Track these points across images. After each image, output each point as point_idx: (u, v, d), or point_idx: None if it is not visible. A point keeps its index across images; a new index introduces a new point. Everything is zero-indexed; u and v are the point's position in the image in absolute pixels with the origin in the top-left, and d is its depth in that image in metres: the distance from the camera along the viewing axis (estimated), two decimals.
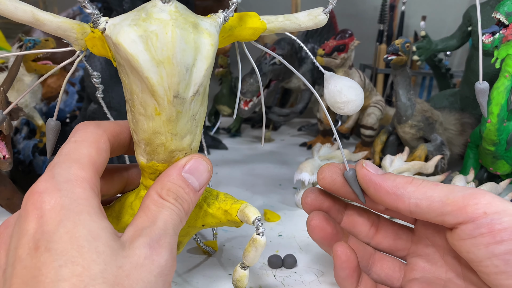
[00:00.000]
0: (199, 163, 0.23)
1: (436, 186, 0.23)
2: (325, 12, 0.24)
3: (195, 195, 0.23)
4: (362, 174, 0.25)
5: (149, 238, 0.19)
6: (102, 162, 0.22)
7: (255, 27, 0.23)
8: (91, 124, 0.23)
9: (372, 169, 0.25)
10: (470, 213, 0.22)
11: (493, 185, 0.43)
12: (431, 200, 0.23)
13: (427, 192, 0.23)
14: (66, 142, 0.22)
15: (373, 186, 0.25)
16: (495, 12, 0.43)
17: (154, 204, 0.21)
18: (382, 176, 0.25)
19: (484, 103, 0.25)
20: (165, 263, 0.19)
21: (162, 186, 0.22)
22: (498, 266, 0.21)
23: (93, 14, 0.20)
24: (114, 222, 0.26)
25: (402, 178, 0.25)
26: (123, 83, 0.21)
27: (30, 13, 0.20)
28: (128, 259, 0.18)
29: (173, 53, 0.19)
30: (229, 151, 0.71)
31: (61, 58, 0.64)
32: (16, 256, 0.18)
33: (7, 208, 0.41)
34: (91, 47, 0.22)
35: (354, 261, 0.26)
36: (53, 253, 0.17)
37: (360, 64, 0.90)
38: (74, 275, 0.17)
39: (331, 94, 0.24)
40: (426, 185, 0.24)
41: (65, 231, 0.18)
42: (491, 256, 0.21)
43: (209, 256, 0.37)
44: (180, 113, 0.21)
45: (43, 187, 0.19)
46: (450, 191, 0.23)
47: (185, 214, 0.22)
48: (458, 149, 0.57)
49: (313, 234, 0.28)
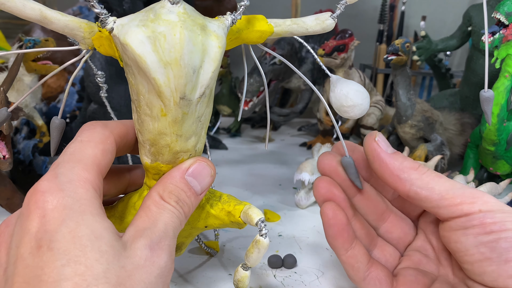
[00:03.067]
0: (202, 167, 0.23)
1: (439, 179, 0.24)
2: (333, 17, 0.24)
3: (196, 199, 0.23)
4: (371, 148, 0.25)
5: (150, 239, 0.19)
6: (106, 163, 0.22)
7: (263, 30, 0.23)
8: (98, 124, 0.23)
9: (383, 145, 0.25)
10: (466, 210, 0.22)
11: (493, 185, 0.43)
12: (431, 191, 0.23)
13: (429, 182, 0.23)
14: (72, 142, 0.22)
15: (379, 162, 0.25)
16: (495, 12, 0.43)
17: (155, 205, 0.21)
18: (390, 156, 0.25)
19: (489, 112, 0.24)
20: (165, 265, 0.20)
21: (164, 188, 0.22)
22: (484, 253, 0.21)
23: (101, 13, 0.20)
24: (117, 222, 0.26)
25: (409, 162, 0.25)
26: (130, 83, 0.21)
27: (38, 11, 0.19)
28: (129, 259, 0.18)
29: (180, 54, 0.19)
30: (229, 151, 0.71)
31: (61, 58, 0.64)
32: (18, 255, 0.18)
33: (7, 208, 0.41)
34: (98, 46, 0.21)
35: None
36: (55, 252, 0.17)
37: (360, 64, 0.90)
38: (76, 274, 0.17)
39: (337, 97, 0.24)
40: (430, 175, 0.24)
41: (67, 231, 0.17)
42: (479, 244, 0.21)
43: (211, 257, 0.37)
44: (186, 114, 0.21)
45: (46, 187, 0.19)
46: (451, 186, 0.23)
47: (185, 217, 0.22)
48: (458, 149, 0.57)
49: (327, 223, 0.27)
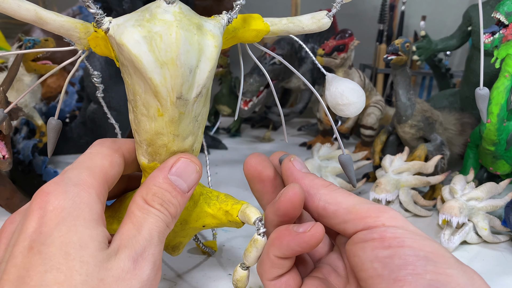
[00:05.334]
0: (186, 164, 0.23)
1: (348, 195, 0.23)
2: (329, 16, 0.24)
3: (183, 197, 0.23)
4: (286, 167, 0.26)
5: (134, 250, 0.20)
6: (114, 174, 0.23)
7: (259, 29, 0.23)
8: (108, 140, 0.24)
9: (297, 165, 0.26)
10: (369, 223, 0.21)
11: (493, 185, 0.43)
12: (339, 206, 0.23)
13: (338, 198, 0.23)
14: (83, 154, 0.23)
15: (292, 179, 0.25)
16: (495, 12, 0.43)
17: (139, 210, 0.21)
18: (303, 174, 0.25)
19: (484, 109, 0.24)
20: (147, 278, 0.20)
21: (147, 191, 0.22)
22: (376, 269, 0.20)
23: (96, 14, 0.20)
24: (114, 222, 0.26)
25: (320, 180, 0.25)
26: (126, 83, 0.21)
27: (33, 11, 0.20)
28: (110, 271, 0.19)
29: (177, 54, 0.19)
30: (229, 151, 0.71)
31: (61, 58, 0.64)
32: (11, 252, 0.18)
33: (7, 208, 0.41)
34: (93, 46, 0.21)
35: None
36: (43, 256, 0.18)
37: (360, 64, 0.90)
38: (56, 283, 0.17)
39: (332, 96, 0.24)
40: (339, 192, 0.24)
41: (59, 235, 0.18)
42: (373, 259, 0.20)
43: (209, 256, 0.37)
44: (183, 114, 0.21)
45: (51, 188, 0.20)
46: (359, 202, 0.23)
47: (172, 218, 0.22)
48: (458, 149, 0.57)
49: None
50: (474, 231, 0.41)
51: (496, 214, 0.44)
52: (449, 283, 0.18)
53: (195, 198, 0.26)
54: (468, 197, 0.41)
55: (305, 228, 0.22)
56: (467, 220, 0.40)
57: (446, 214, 0.39)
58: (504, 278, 0.35)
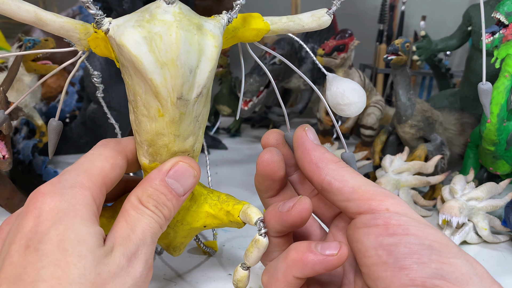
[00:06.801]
0: (185, 168, 0.23)
1: (356, 175, 0.23)
2: (329, 14, 0.24)
3: (178, 201, 0.23)
4: (298, 135, 0.25)
5: (128, 248, 0.20)
6: (114, 176, 0.23)
7: (259, 28, 0.23)
8: (111, 140, 0.24)
9: (310, 136, 0.25)
10: (373, 206, 0.21)
11: (493, 185, 0.43)
12: (344, 183, 0.23)
13: (345, 175, 0.23)
14: (85, 154, 0.23)
15: (302, 149, 0.25)
16: (495, 12, 0.43)
17: (133, 210, 0.22)
18: (314, 145, 0.25)
19: (487, 104, 0.24)
20: (139, 275, 0.20)
21: (143, 192, 0.22)
22: (381, 256, 0.20)
23: (96, 14, 0.20)
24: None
25: (330, 155, 0.24)
26: (126, 84, 0.21)
27: (33, 13, 0.20)
28: (107, 267, 0.19)
29: (177, 55, 0.19)
30: (229, 151, 0.71)
31: (61, 58, 0.64)
32: (8, 251, 0.19)
33: (7, 208, 0.41)
34: (94, 47, 0.21)
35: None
36: (39, 254, 0.18)
37: (360, 64, 0.90)
38: (53, 277, 0.17)
39: (333, 96, 0.24)
40: (347, 170, 0.23)
41: (56, 234, 0.18)
42: (378, 246, 0.20)
43: (209, 257, 0.37)
44: (183, 114, 0.21)
45: (48, 189, 0.20)
46: (365, 183, 0.22)
47: (165, 220, 0.22)
48: (458, 149, 0.57)
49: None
50: (474, 231, 0.41)
51: (496, 214, 0.44)
52: (453, 272, 0.19)
53: (196, 198, 0.26)
54: (468, 197, 0.41)
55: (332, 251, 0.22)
56: (467, 220, 0.40)
57: (446, 214, 0.39)
58: (504, 278, 0.35)
